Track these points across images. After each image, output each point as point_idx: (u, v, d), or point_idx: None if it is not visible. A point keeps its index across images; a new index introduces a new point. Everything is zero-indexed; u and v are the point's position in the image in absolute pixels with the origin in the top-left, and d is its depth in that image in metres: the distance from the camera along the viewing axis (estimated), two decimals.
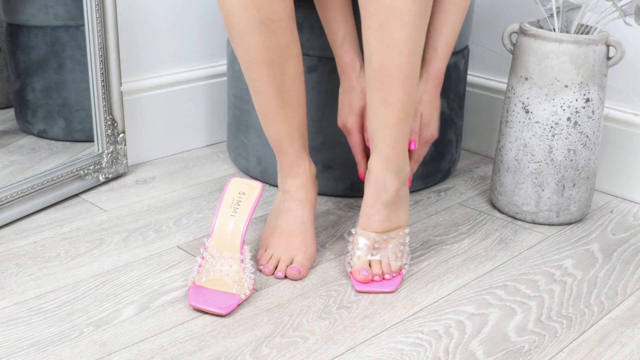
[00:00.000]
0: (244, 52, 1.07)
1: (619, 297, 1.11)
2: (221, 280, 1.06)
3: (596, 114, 1.28)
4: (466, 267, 1.18)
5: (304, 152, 1.17)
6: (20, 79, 1.43)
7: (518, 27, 1.30)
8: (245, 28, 1.04)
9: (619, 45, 1.25)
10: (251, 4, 1.02)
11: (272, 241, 1.16)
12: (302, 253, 1.14)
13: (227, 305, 1.03)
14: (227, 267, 1.06)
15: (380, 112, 1.07)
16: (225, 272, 1.06)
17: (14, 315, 1.01)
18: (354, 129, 1.19)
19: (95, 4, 1.32)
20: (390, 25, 0.99)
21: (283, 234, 1.16)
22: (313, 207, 1.19)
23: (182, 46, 1.58)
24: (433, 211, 1.38)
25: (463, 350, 0.97)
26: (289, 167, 1.17)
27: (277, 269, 1.13)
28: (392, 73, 1.03)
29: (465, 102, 1.60)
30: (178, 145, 1.62)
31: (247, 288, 1.06)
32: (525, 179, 1.31)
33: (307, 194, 1.18)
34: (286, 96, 1.11)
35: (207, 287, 1.06)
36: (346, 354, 0.96)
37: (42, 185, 1.31)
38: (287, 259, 1.14)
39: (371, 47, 1.03)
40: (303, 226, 1.16)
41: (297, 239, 1.15)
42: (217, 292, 1.05)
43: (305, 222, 1.17)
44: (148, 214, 1.33)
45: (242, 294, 1.05)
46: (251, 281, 1.07)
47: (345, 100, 1.20)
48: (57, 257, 1.17)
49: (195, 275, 1.07)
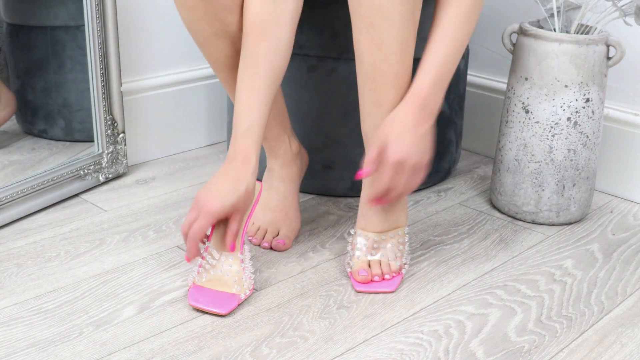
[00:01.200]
0: (207, 58, 1.14)
1: (619, 297, 1.11)
2: (221, 280, 1.06)
3: (596, 114, 1.28)
4: (466, 267, 1.18)
5: (283, 135, 1.23)
6: (20, 79, 1.43)
7: (518, 27, 1.30)
8: (202, 38, 1.10)
9: (619, 45, 1.25)
10: (202, 19, 1.07)
11: (260, 216, 1.24)
12: (287, 226, 1.23)
13: (228, 305, 1.03)
14: (227, 267, 1.06)
15: (373, 113, 1.06)
16: (226, 272, 1.06)
17: (14, 315, 1.01)
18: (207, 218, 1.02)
19: (95, 4, 1.32)
20: (380, 25, 0.99)
21: (268, 208, 1.24)
22: (295, 183, 1.27)
23: (182, 46, 1.58)
24: (433, 211, 1.38)
25: (463, 350, 0.97)
26: (270, 149, 1.24)
27: (264, 239, 1.21)
28: (384, 73, 1.02)
29: (465, 102, 1.60)
30: (178, 145, 1.62)
31: (247, 288, 1.06)
32: (525, 179, 1.31)
33: (288, 172, 1.25)
34: None
35: (207, 287, 1.06)
36: (346, 354, 0.96)
37: (42, 185, 1.31)
38: (273, 231, 1.22)
39: (362, 48, 1.03)
40: (285, 201, 1.24)
41: (281, 213, 1.23)
42: (217, 292, 1.05)
43: (287, 197, 1.24)
44: (148, 214, 1.33)
45: (242, 294, 1.05)
46: (251, 281, 1.07)
47: (220, 184, 1.03)
48: (57, 257, 1.17)
49: (195, 275, 1.07)
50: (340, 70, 1.32)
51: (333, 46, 1.30)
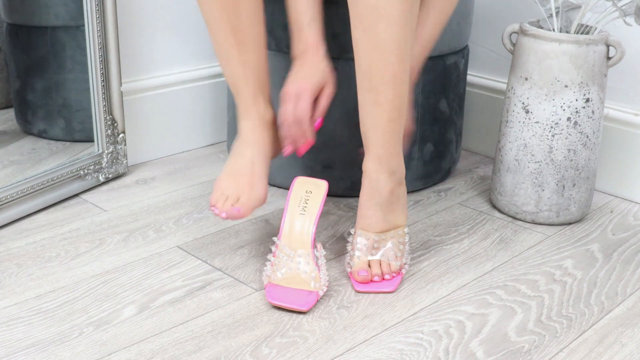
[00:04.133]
0: None
1: (619, 297, 1.11)
2: (297, 278, 1.07)
3: (596, 114, 1.28)
4: (466, 267, 1.18)
5: (259, 95, 1.16)
6: (20, 79, 1.43)
7: (518, 27, 1.30)
8: None
9: (619, 45, 1.25)
10: None
11: (222, 183, 1.15)
12: (247, 193, 1.13)
13: (307, 302, 1.04)
14: (304, 265, 1.07)
15: (371, 112, 1.07)
16: (302, 270, 1.07)
17: (14, 315, 1.01)
18: (306, 95, 1.14)
19: (95, 4, 1.32)
20: (378, 25, 0.99)
21: (231, 174, 1.16)
22: (264, 149, 1.17)
23: (182, 46, 1.58)
24: (433, 211, 1.38)
25: (463, 350, 0.97)
26: (243, 107, 1.17)
27: (221, 208, 1.12)
28: (381, 73, 1.03)
29: (465, 102, 1.60)
30: (178, 145, 1.62)
31: (323, 284, 1.07)
32: (525, 179, 1.31)
33: (258, 136, 1.17)
34: (240, 36, 1.11)
35: (283, 285, 1.07)
36: (346, 354, 0.96)
37: (42, 185, 1.31)
38: (234, 198, 1.13)
39: (360, 47, 1.03)
40: (252, 167, 1.15)
41: (245, 178, 1.14)
42: (294, 290, 1.06)
43: (254, 164, 1.16)
44: (148, 214, 1.33)
45: (320, 290, 1.06)
46: (327, 278, 1.09)
47: (301, 72, 1.16)
48: (57, 257, 1.17)
49: (269, 273, 1.08)
50: (340, 70, 1.32)
51: (333, 46, 1.30)
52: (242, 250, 1.21)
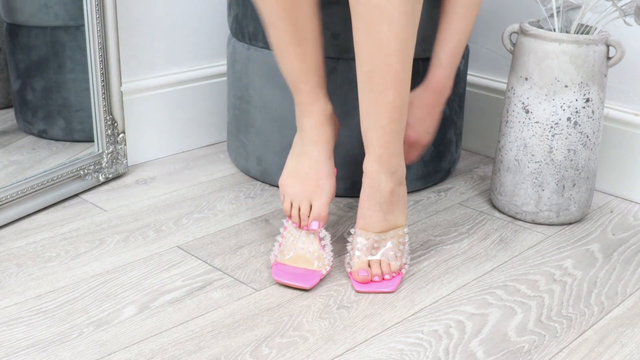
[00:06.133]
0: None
1: (619, 297, 1.11)
2: (302, 257, 1.12)
3: (596, 114, 1.28)
4: (466, 267, 1.18)
5: (319, 91, 1.15)
6: (20, 79, 1.43)
7: (518, 27, 1.30)
8: None
9: (619, 45, 1.25)
10: None
11: (288, 189, 1.17)
12: (318, 197, 1.15)
13: (311, 280, 1.09)
14: (308, 245, 1.12)
15: (371, 112, 1.07)
16: (307, 250, 1.12)
17: (14, 315, 1.01)
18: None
19: (95, 4, 1.32)
20: (379, 25, 0.99)
21: (298, 178, 1.16)
22: (328, 146, 1.18)
23: (182, 46, 1.58)
24: (433, 211, 1.38)
25: (463, 350, 0.97)
26: (304, 105, 1.16)
27: (301, 225, 1.15)
28: (383, 73, 1.03)
29: (465, 102, 1.60)
30: (178, 145, 1.62)
31: (327, 264, 1.12)
32: (525, 179, 1.31)
33: (321, 134, 1.17)
34: (300, 33, 1.11)
35: (289, 264, 1.12)
36: (346, 354, 0.96)
37: (42, 185, 1.31)
38: (306, 207, 1.15)
39: (361, 48, 1.03)
40: (317, 166, 1.16)
41: (312, 182, 1.16)
42: (299, 268, 1.12)
43: (319, 162, 1.16)
44: (148, 214, 1.33)
45: (323, 270, 1.11)
46: (331, 258, 1.13)
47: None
48: (57, 257, 1.17)
49: (277, 253, 1.14)
50: (340, 70, 1.32)
51: (333, 46, 1.30)
52: (242, 250, 1.21)
